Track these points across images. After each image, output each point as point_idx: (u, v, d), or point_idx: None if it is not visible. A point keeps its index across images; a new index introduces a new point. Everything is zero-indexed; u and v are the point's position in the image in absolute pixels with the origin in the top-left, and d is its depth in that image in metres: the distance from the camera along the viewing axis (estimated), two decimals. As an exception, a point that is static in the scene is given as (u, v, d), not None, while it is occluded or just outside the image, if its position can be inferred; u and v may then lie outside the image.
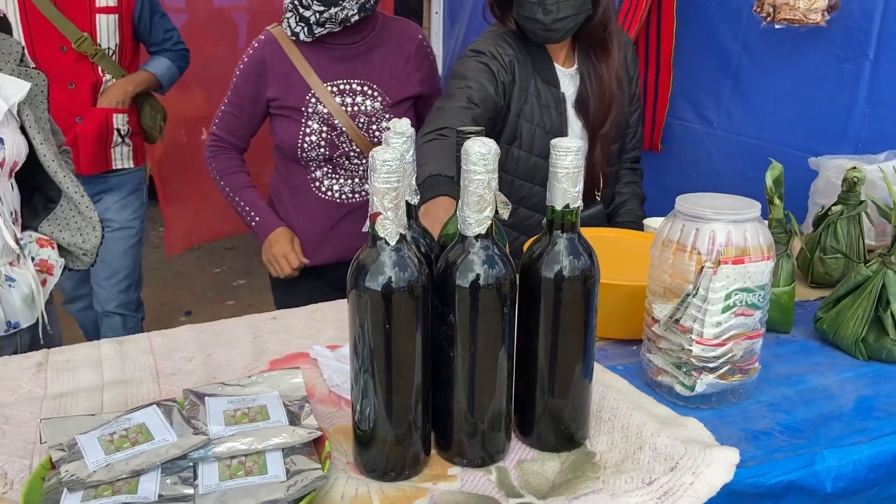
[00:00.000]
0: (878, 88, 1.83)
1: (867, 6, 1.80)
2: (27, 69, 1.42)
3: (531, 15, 1.52)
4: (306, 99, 1.80)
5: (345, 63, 1.82)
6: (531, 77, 1.61)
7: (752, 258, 0.94)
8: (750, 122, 2.19)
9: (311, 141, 1.81)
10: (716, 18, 2.23)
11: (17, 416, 0.99)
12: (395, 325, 0.82)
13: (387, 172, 0.77)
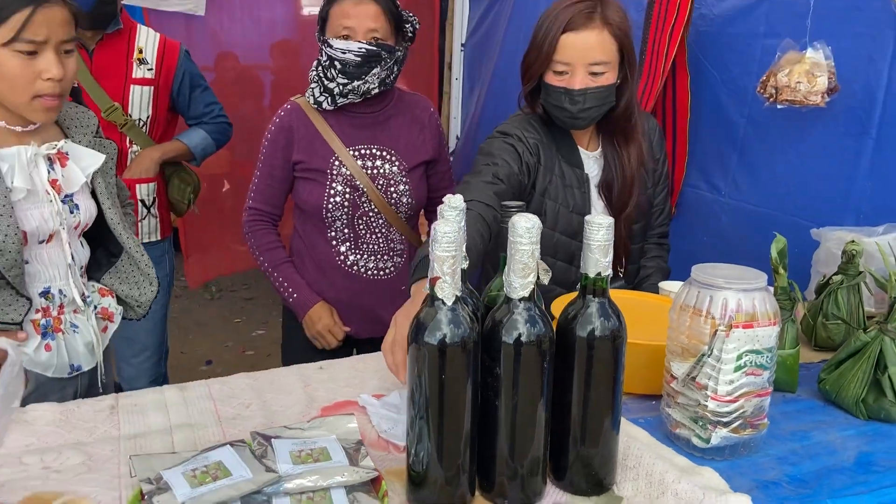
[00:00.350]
0: (880, 164, 1.94)
1: (870, 87, 1.93)
2: (101, 140, 1.57)
3: (559, 103, 1.62)
4: (330, 162, 1.94)
5: (365, 130, 1.98)
6: (555, 158, 1.71)
7: (761, 323, 1.06)
8: (756, 191, 2.32)
9: (335, 202, 1.94)
10: (723, 95, 2.38)
11: (98, 454, 1.10)
12: (448, 376, 0.93)
13: (446, 243, 0.90)
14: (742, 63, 2.30)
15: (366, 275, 2.01)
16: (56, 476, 1.03)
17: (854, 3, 1.95)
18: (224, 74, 4.35)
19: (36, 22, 1.30)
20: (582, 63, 1.57)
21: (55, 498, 0.98)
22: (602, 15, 1.57)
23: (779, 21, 2.17)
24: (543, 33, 1.59)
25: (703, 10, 2.41)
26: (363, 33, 1.85)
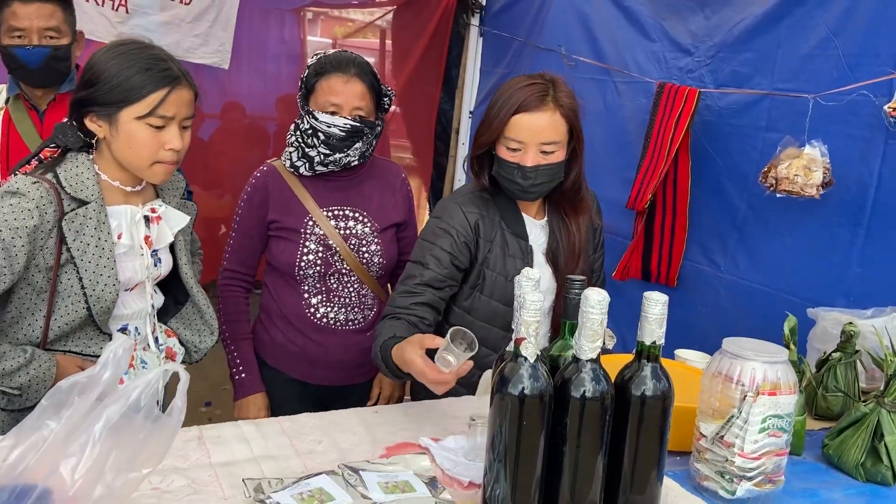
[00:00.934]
0: (870, 253, 2.14)
1: (863, 184, 2.15)
2: (185, 201, 1.73)
3: (511, 177, 1.69)
4: (304, 221, 2.01)
5: (339, 193, 2.05)
6: (497, 229, 1.77)
7: (783, 392, 1.24)
8: (753, 270, 2.53)
9: (308, 259, 2.01)
10: (725, 180, 2.61)
11: (199, 478, 1.23)
12: (526, 424, 1.09)
13: (534, 310, 1.08)
14: (744, 152, 2.53)
15: (335, 326, 2.06)
16: (168, 496, 1.16)
17: (850, 108, 2.17)
18: (230, 123, 4.53)
19: (169, 101, 1.48)
20: (534, 142, 1.66)
21: (174, 514, 1.11)
22: (554, 97, 1.67)
23: (779, 118, 2.41)
24: (497, 111, 1.67)
25: (708, 102, 2.66)
26: (349, 110, 1.94)
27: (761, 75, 2.48)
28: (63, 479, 0.90)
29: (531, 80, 1.69)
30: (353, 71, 1.95)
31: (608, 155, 3.08)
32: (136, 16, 3.21)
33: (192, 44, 3.38)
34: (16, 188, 1.42)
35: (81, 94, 1.50)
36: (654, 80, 2.83)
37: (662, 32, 2.85)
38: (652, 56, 2.90)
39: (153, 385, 0.96)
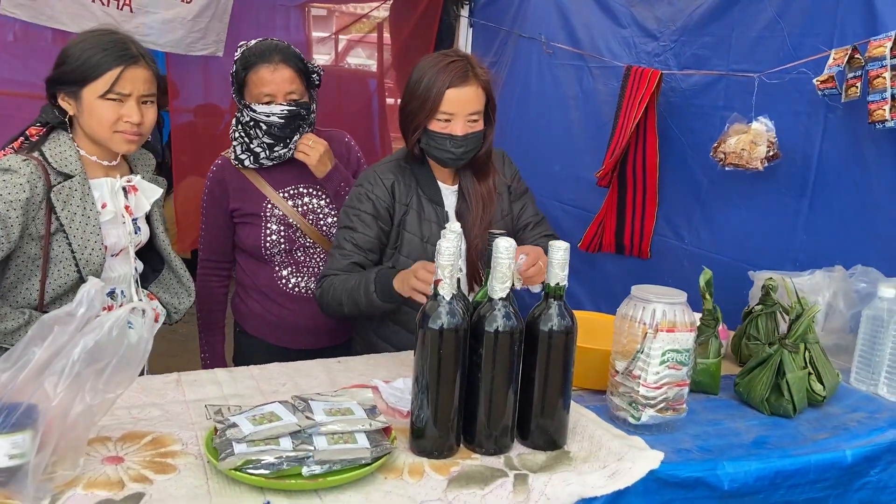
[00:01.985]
0: (813, 221, 2.30)
1: (806, 156, 2.30)
2: (156, 177, 1.93)
3: (443, 147, 1.84)
4: (263, 206, 2.16)
5: (291, 172, 2.18)
6: (413, 194, 1.93)
7: (680, 329, 1.41)
8: (713, 241, 2.68)
9: (272, 240, 2.17)
10: (689, 158, 2.76)
11: (173, 410, 1.43)
12: (444, 353, 1.27)
13: (448, 254, 1.26)
14: (705, 130, 2.68)
15: (307, 294, 2.22)
16: (143, 422, 1.36)
17: (793, 85, 2.33)
18: (237, 116, 4.75)
19: (125, 78, 1.67)
20: (463, 113, 1.82)
21: (147, 435, 1.31)
22: (474, 73, 1.83)
23: (733, 96, 2.57)
24: (426, 88, 1.82)
25: (672, 84, 2.81)
26: (282, 96, 2.06)
27: (718, 57, 2.63)
28: (46, 393, 1.10)
29: (449, 57, 1.86)
30: (278, 58, 2.06)
31: (585, 137, 3.24)
32: (139, 14, 3.42)
33: (192, 39, 3.58)
34: (7, 165, 1.62)
35: (52, 74, 1.70)
36: (624, 64, 2.99)
37: (632, 19, 3.00)
38: (622, 41, 3.05)
39: (122, 318, 1.16)
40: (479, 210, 1.97)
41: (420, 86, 1.84)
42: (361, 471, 1.20)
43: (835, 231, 2.26)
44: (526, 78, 3.60)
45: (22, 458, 1.09)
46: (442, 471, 1.25)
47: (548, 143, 3.46)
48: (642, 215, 2.94)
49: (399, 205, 1.93)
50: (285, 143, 2.12)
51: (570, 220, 3.28)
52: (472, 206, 1.97)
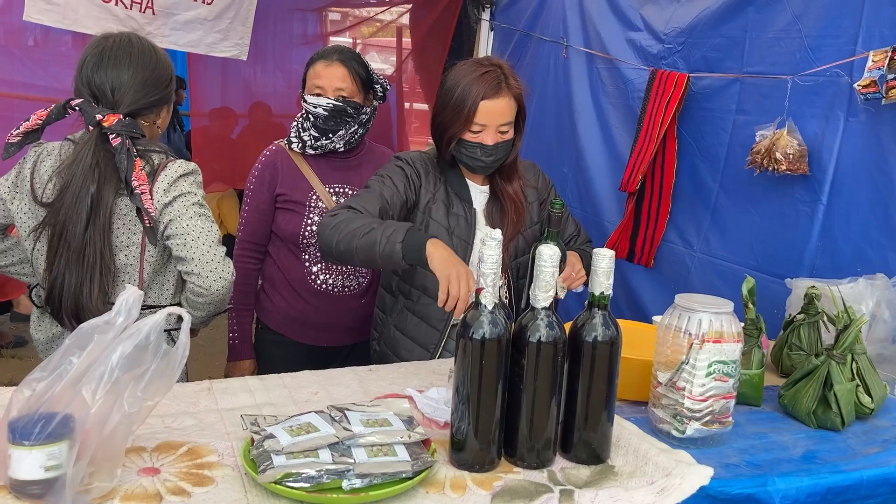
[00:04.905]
0: (830, 227, 2.23)
1: (822, 161, 2.24)
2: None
3: (474, 156, 1.86)
4: (309, 195, 2.23)
5: (340, 172, 2.27)
6: (441, 186, 1.95)
7: (727, 340, 1.36)
8: (723, 247, 2.62)
9: (311, 230, 2.22)
10: (699, 163, 2.71)
11: (206, 419, 1.40)
12: (486, 364, 1.24)
13: (490, 263, 1.22)
14: (716, 135, 2.64)
15: (333, 292, 2.28)
16: (178, 432, 1.33)
17: (812, 89, 2.27)
18: (256, 121, 4.74)
19: None
20: (494, 124, 1.83)
21: (182, 445, 1.28)
22: (507, 84, 1.83)
23: (748, 100, 2.52)
24: (461, 100, 1.81)
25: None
26: (332, 91, 2.17)
27: (731, 59, 2.58)
28: (84, 401, 1.07)
29: (483, 67, 1.84)
30: (336, 57, 2.19)
31: (595, 140, 3.20)
32: (161, 16, 3.42)
33: (213, 39, 3.58)
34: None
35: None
36: (636, 65, 2.95)
37: (641, 20, 2.96)
38: (632, 44, 3.01)
39: (159, 324, 1.13)
40: (512, 212, 1.98)
41: (454, 96, 1.83)
42: (403, 485, 1.16)
43: (854, 237, 2.19)
44: (543, 80, 3.58)
45: (58, 469, 1.06)
46: (485, 485, 1.21)
47: (559, 145, 3.43)
48: (655, 222, 2.90)
49: (425, 190, 1.95)
50: (328, 136, 2.21)
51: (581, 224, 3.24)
52: (505, 207, 1.98)
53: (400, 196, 1.89)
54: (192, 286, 1.72)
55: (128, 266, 1.76)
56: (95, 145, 1.70)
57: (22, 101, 3.89)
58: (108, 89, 1.73)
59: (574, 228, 2.13)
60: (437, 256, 1.59)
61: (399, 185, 1.90)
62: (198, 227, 1.72)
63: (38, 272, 1.81)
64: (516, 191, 1.99)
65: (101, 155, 1.69)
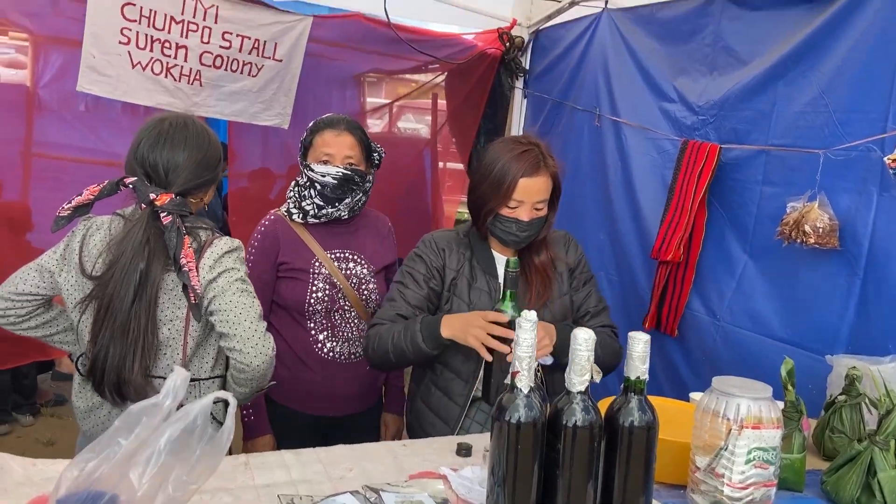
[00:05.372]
0: (866, 302, 2.20)
1: (857, 235, 2.22)
2: None
3: (509, 230, 1.93)
4: (311, 263, 2.25)
5: (339, 237, 2.31)
6: (465, 263, 2.02)
7: (766, 426, 1.35)
8: (749, 318, 2.59)
9: (316, 297, 2.24)
10: (727, 231, 2.71)
11: (244, 497, 1.41)
12: (522, 447, 1.24)
13: (526, 346, 1.24)
14: (744, 205, 2.65)
15: (340, 359, 2.28)
16: (216, 509, 1.35)
17: (845, 163, 2.27)
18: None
19: None
20: (530, 201, 1.90)
21: (220, 523, 1.29)
22: (545, 163, 1.91)
23: (774, 171, 2.53)
24: (500, 175, 1.89)
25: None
26: (341, 159, 2.21)
27: (758, 132, 2.61)
28: (131, 484, 1.10)
29: (522, 146, 1.92)
30: (343, 126, 2.25)
31: (624, 208, 3.22)
32: (208, 88, 3.56)
33: (257, 109, 3.72)
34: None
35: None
36: (666, 136, 2.98)
37: (675, 92, 3.01)
38: (666, 115, 3.05)
39: (206, 408, 1.16)
40: (537, 283, 2.02)
41: (493, 172, 1.91)
42: (438, 572, 1.16)
43: (891, 313, 2.15)
44: (577, 147, 3.63)
45: (103, 549, 1.09)
46: (520, 573, 1.20)
47: (596, 213, 3.46)
48: (680, 290, 2.88)
49: (449, 270, 2.02)
50: (334, 204, 2.24)
51: (613, 291, 3.24)
52: (530, 279, 2.02)
53: (422, 291, 2.01)
54: (234, 362, 1.76)
55: (171, 340, 1.80)
56: (147, 223, 1.76)
57: (72, 164, 4.06)
58: (161, 169, 1.81)
59: (594, 305, 2.10)
60: (452, 329, 1.78)
61: (419, 280, 2.01)
62: (240, 304, 1.77)
63: (82, 343, 1.86)
64: (543, 262, 2.03)
65: (151, 232, 1.76)
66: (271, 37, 3.63)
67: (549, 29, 4.07)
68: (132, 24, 3.33)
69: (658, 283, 2.92)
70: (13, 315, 1.88)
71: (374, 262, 2.35)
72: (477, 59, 4.22)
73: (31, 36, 3.96)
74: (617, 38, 3.39)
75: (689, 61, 2.95)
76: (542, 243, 2.04)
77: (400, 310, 1.99)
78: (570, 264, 2.10)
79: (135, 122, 3.69)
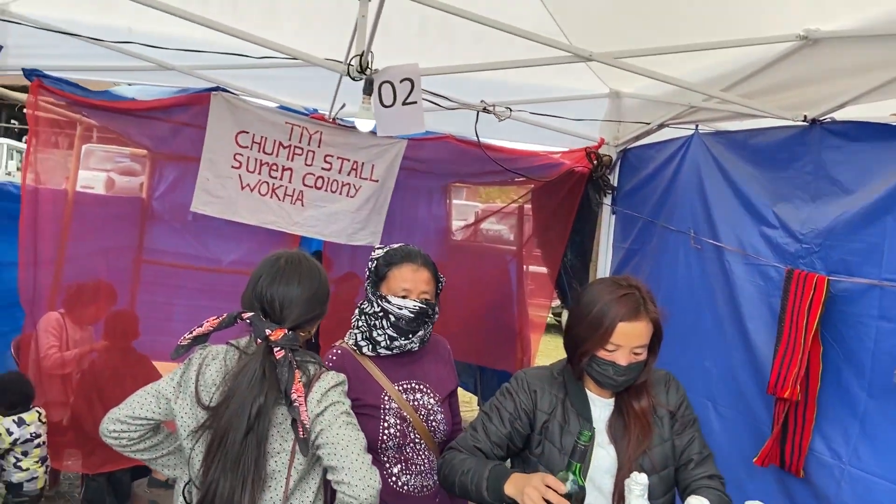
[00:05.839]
0: None
1: None
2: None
3: (605, 373, 1.89)
4: (381, 398, 2.21)
5: (405, 368, 2.27)
6: (558, 405, 1.97)
7: None
8: (876, 463, 2.41)
9: (389, 433, 2.19)
10: (844, 369, 2.56)
11: None
12: None
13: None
14: (859, 340, 2.52)
15: (413, 492, 2.22)
16: None
17: None
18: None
19: None
20: (629, 346, 1.87)
21: None
22: (646, 308, 1.88)
23: (891, 307, 2.41)
24: (598, 318, 1.87)
25: (822, 288, 2.67)
26: (417, 293, 2.21)
27: (871, 264, 2.51)
28: None
29: (622, 289, 1.90)
30: (420, 261, 2.27)
31: (739, 336, 3.12)
32: (309, 208, 3.76)
33: (353, 229, 3.88)
34: None
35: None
36: (769, 262, 2.91)
37: (776, 218, 2.96)
38: (767, 240, 2.99)
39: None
40: (636, 429, 1.94)
41: (591, 313, 1.89)
42: None
43: None
44: (672, 269, 3.58)
45: None
46: None
47: (698, 337, 3.36)
48: (802, 428, 2.73)
49: (540, 412, 1.98)
50: (408, 336, 2.23)
51: (724, 423, 3.10)
52: (628, 424, 1.95)
53: (504, 430, 1.99)
54: (342, 496, 1.77)
55: (276, 473, 1.83)
56: (262, 357, 1.84)
57: (178, 270, 4.31)
58: (277, 305, 1.90)
59: (697, 452, 2.00)
60: (515, 486, 1.74)
61: (505, 419, 2.00)
62: (347, 437, 1.79)
63: (192, 471, 1.91)
64: (643, 408, 1.96)
65: (266, 366, 1.83)
66: (369, 159, 3.82)
67: (638, 148, 4.13)
68: (244, 149, 3.58)
69: (777, 419, 2.78)
70: (126, 438, 1.96)
71: (440, 391, 2.32)
72: (565, 176, 4.30)
73: (150, 153, 4.32)
74: (710, 160, 3.40)
75: (789, 188, 2.91)
76: (643, 387, 1.98)
77: (479, 443, 1.99)
78: (671, 408, 2.01)
79: (236, 231, 3.92)
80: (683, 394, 2.08)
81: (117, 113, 3.61)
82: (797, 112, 2.85)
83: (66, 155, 3.97)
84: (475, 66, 2.99)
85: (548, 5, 3.20)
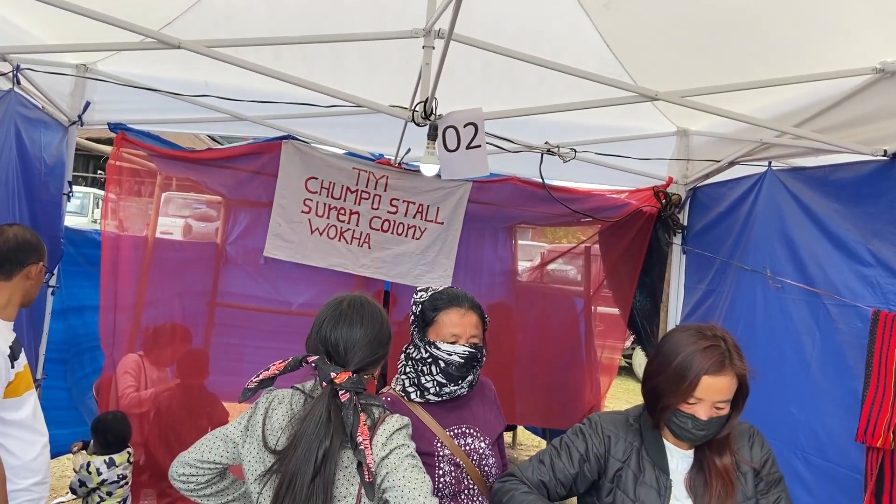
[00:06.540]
0: None
1: None
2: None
3: (684, 426, 1.81)
4: (434, 445, 2.12)
5: (454, 412, 2.19)
6: (633, 453, 1.89)
7: None
8: None
9: (444, 481, 2.10)
10: None
11: None
12: None
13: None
14: None
15: None
16: None
17: None
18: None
19: None
20: (711, 400, 1.78)
21: None
22: (731, 363, 1.79)
23: None
24: (681, 371, 1.79)
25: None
26: (466, 338, 2.14)
27: None
28: None
29: (707, 340, 1.81)
30: (468, 305, 2.20)
31: (824, 380, 2.95)
32: (376, 250, 3.81)
33: (419, 271, 3.89)
34: None
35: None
36: (867, 305, 2.76)
37: (872, 257, 2.81)
38: (863, 280, 2.84)
39: None
40: (719, 488, 1.84)
41: (672, 363, 1.81)
42: None
43: None
44: (750, 310, 3.44)
45: None
46: None
47: (781, 382, 3.19)
48: None
49: (614, 460, 1.91)
50: (457, 382, 2.16)
51: (814, 474, 2.91)
52: (710, 482, 1.85)
53: (572, 470, 1.92)
54: None
55: None
56: (328, 401, 1.85)
57: (249, 313, 4.41)
58: (341, 347, 1.91)
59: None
60: None
61: (574, 458, 1.93)
62: (414, 479, 1.77)
63: None
64: (726, 465, 1.86)
65: (331, 410, 1.84)
66: (434, 201, 3.86)
67: (708, 186, 4.03)
68: (314, 195, 3.67)
69: (871, 470, 2.61)
70: (194, 482, 1.98)
71: (490, 434, 2.24)
72: (633, 216, 4.23)
73: (224, 200, 4.47)
74: (788, 197, 3.27)
75: (880, 223, 2.77)
76: (725, 441, 1.88)
77: (544, 477, 1.94)
78: (755, 465, 1.90)
79: (305, 274, 4.00)
80: (769, 450, 1.97)
81: (194, 163, 3.77)
82: (876, 147, 2.73)
83: (147, 203, 4.15)
84: (539, 108, 2.98)
85: (611, 45, 3.19)
